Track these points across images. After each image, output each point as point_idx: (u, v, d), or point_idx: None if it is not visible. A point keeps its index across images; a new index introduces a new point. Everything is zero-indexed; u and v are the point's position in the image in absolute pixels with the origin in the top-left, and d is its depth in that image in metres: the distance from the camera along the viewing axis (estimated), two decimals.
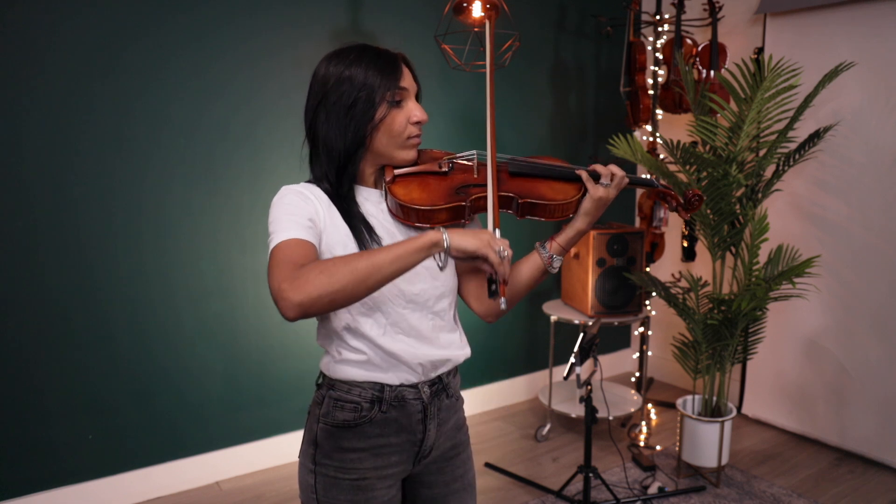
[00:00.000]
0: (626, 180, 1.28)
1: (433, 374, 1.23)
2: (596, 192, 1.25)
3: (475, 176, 1.26)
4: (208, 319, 2.65)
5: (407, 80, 1.19)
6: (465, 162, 1.28)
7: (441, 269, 1.03)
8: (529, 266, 1.29)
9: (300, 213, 1.11)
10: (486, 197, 1.22)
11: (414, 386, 1.21)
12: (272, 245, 1.07)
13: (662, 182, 1.37)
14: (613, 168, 1.26)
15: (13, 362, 2.30)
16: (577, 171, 1.27)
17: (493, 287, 1.08)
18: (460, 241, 1.03)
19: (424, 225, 1.19)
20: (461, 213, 1.21)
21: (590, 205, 1.26)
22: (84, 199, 2.37)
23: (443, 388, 1.26)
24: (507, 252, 1.05)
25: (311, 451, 1.20)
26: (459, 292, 1.33)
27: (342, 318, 1.17)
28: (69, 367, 2.39)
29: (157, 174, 2.49)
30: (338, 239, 1.15)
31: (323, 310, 0.98)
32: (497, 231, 1.12)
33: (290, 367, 2.84)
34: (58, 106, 2.30)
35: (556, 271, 1.30)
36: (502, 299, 1.07)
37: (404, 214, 1.19)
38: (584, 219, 1.27)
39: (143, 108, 2.44)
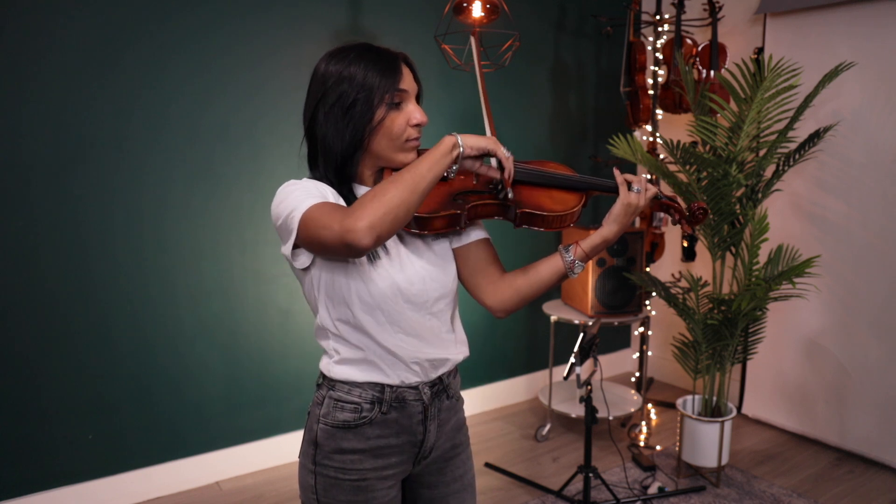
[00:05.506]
0: (655, 190, 1.27)
1: (433, 375, 1.23)
2: (628, 197, 1.24)
3: (474, 182, 1.24)
4: (208, 319, 2.65)
5: (407, 82, 1.18)
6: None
7: (447, 178, 1.12)
8: (549, 267, 1.27)
9: (315, 191, 1.11)
10: (483, 205, 1.22)
11: (414, 387, 1.21)
12: (300, 214, 1.06)
13: (667, 195, 1.33)
14: (643, 179, 1.26)
15: (13, 362, 2.30)
16: (616, 177, 1.26)
17: (500, 185, 1.19)
18: (473, 140, 1.12)
19: (422, 232, 1.18)
20: (457, 220, 1.19)
21: (619, 210, 1.24)
22: (84, 199, 2.37)
23: (443, 389, 1.26)
24: (510, 153, 1.17)
25: (312, 452, 1.20)
26: (469, 289, 1.32)
27: (342, 311, 1.16)
28: (69, 367, 2.39)
29: (157, 174, 2.49)
30: None
31: (390, 227, 1.00)
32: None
33: (290, 367, 2.84)
34: (58, 106, 2.30)
35: (575, 276, 1.28)
36: (508, 190, 1.19)
37: None
38: (613, 226, 1.25)
39: (143, 108, 2.44)
